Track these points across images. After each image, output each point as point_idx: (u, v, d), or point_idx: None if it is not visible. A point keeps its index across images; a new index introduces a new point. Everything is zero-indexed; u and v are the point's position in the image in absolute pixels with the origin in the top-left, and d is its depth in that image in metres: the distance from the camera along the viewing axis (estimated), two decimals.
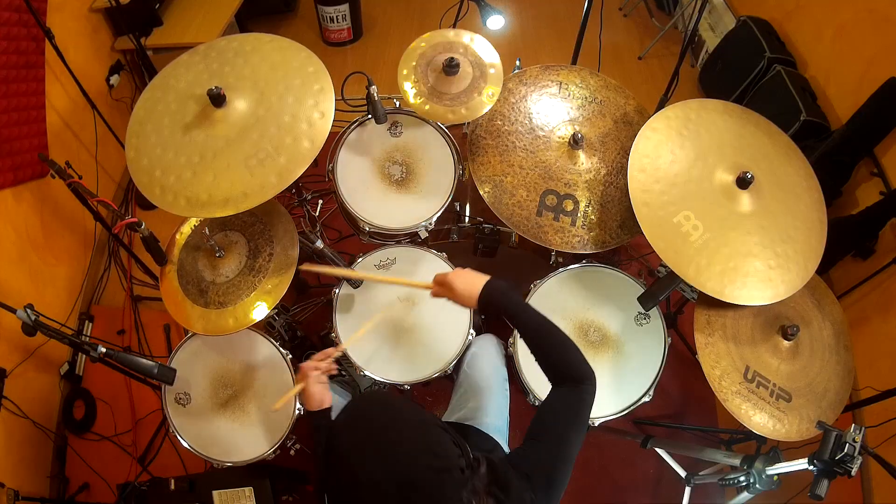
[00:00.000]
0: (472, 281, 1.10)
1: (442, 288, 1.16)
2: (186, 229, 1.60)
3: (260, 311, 1.46)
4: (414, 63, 1.60)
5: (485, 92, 1.56)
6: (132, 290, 2.52)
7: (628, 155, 1.48)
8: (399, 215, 1.67)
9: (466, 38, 1.64)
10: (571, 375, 1.04)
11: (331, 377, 1.33)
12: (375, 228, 1.66)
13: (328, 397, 1.23)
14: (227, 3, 2.86)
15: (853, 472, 1.15)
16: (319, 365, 1.22)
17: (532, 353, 1.10)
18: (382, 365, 1.55)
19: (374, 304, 1.64)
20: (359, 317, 1.62)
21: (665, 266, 1.47)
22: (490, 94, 1.56)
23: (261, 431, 1.54)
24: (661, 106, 2.09)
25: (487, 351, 1.60)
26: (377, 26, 3.68)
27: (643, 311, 1.60)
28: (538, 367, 1.56)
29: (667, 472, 2.01)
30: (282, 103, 1.38)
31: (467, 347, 1.59)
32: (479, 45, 1.63)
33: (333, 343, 1.61)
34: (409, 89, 1.57)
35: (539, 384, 1.54)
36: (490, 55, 1.62)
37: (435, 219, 1.66)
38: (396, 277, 1.28)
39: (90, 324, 2.43)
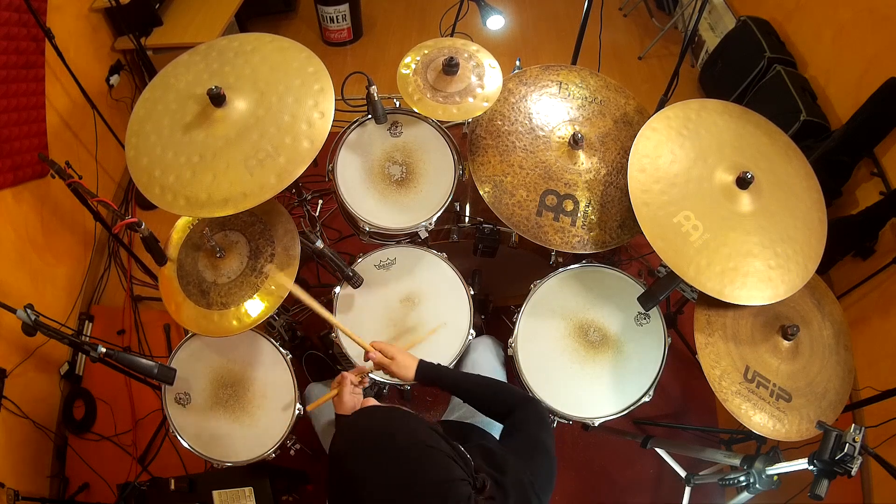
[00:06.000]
0: (408, 363, 1.24)
1: (383, 360, 1.27)
2: (181, 225, 1.59)
3: (261, 310, 1.46)
4: (419, 57, 1.62)
5: (478, 98, 1.57)
6: (132, 290, 2.53)
7: (628, 155, 1.48)
8: (399, 215, 1.67)
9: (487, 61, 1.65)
10: (514, 404, 1.13)
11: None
12: (375, 228, 1.66)
13: (360, 403, 1.27)
14: (227, 3, 2.87)
15: (853, 472, 1.15)
16: (354, 379, 1.28)
17: (473, 406, 1.20)
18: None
19: (375, 304, 1.64)
20: (359, 316, 1.62)
21: (665, 266, 1.47)
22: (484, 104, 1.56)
23: (261, 431, 1.54)
24: (661, 106, 2.09)
25: (485, 356, 1.61)
26: (377, 26, 3.68)
27: (643, 311, 1.60)
28: (538, 367, 1.58)
29: (667, 472, 2.01)
30: (282, 103, 1.38)
31: (467, 349, 1.59)
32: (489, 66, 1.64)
33: (333, 343, 1.61)
34: (408, 74, 1.58)
35: (540, 384, 1.54)
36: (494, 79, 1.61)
37: (435, 219, 1.66)
38: (348, 330, 1.34)
39: (90, 324, 2.43)
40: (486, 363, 1.58)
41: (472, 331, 1.60)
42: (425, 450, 0.80)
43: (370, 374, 1.55)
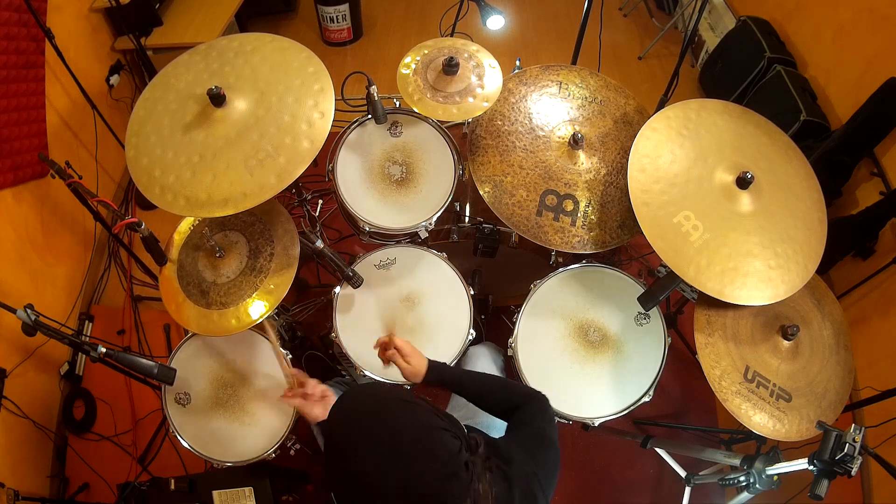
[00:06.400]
0: (419, 363, 1.22)
1: (399, 363, 1.24)
2: (184, 227, 1.59)
3: (259, 310, 1.46)
4: (419, 57, 1.62)
5: (479, 98, 1.57)
6: (132, 290, 2.53)
7: (628, 155, 1.48)
8: (399, 215, 1.67)
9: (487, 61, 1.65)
10: (520, 400, 1.14)
11: (331, 377, 1.33)
12: (375, 228, 1.66)
13: (330, 402, 1.25)
14: (227, 3, 2.87)
15: (853, 472, 1.15)
16: (297, 392, 1.25)
17: (479, 406, 1.19)
18: (382, 365, 1.55)
19: (374, 304, 1.64)
20: (359, 316, 1.62)
21: (665, 266, 1.47)
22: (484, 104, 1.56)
23: (261, 431, 1.54)
24: (661, 106, 2.09)
25: (484, 365, 1.62)
26: (377, 26, 3.68)
27: (643, 311, 1.60)
28: (538, 367, 1.58)
29: (667, 472, 2.01)
30: (281, 103, 1.38)
31: (466, 358, 1.60)
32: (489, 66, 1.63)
33: (333, 342, 1.61)
34: (408, 74, 1.58)
35: (540, 384, 1.53)
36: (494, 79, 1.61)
37: (435, 219, 1.66)
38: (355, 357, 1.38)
39: (90, 324, 2.43)
40: (482, 367, 1.59)
41: (471, 330, 1.60)
42: (405, 405, 0.82)
43: (370, 374, 1.55)
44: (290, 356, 1.57)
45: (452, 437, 0.80)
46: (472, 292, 1.64)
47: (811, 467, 1.20)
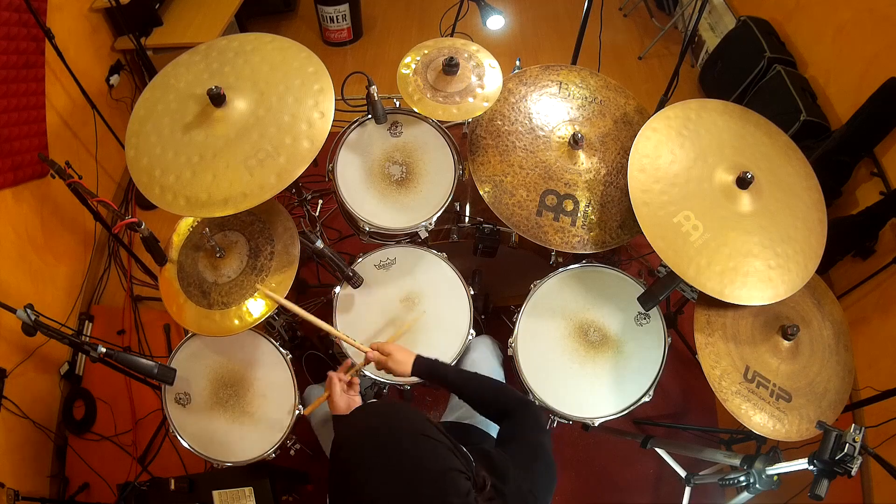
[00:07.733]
0: (405, 359, 1.25)
1: (380, 358, 1.27)
2: (183, 229, 1.59)
3: (262, 308, 1.46)
4: (419, 57, 1.62)
5: (479, 98, 1.57)
6: (132, 290, 2.53)
7: (628, 155, 1.48)
8: (399, 215, 1.67)
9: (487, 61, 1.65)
10: (511, 406, 1.13)
11: None
12: (375, 228, 1.66)
13: (355, 402, 1.26)
14: (227, 3, 2.87)
15: (853, 472, 1.15)
16: (343, 377, 1.26)
17: (470, 404, 1.20)
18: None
19: (375, 304, 1.64)
20: (359, 316, 1.62)
21: (665, 266, 1.47)
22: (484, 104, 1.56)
23: (261, 431, 1.54)
24: (661, 106, 2.09)
25: (484, 354, 1.61)
26: (377, 26, 3.68)
27: (643, 311, 1.60)
28: (538, 367, 1.58)
29: (667, 472, 2.01)
30: (281, 103, 1.38)
31: (466, 348, 1.59)
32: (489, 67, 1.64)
33: (333, 343, 1.61)
34: (408, 74, 1.58)
35: (540, 384, 1.54)
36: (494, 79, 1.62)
37: (435, 219, 1.66)
38: (346, 336, 1.38)
39: (90, 324, 2.43)
40: (484, 363, 1.59)
41: (472, 331, 1.60)
42: (424, 441, 0.80)
43: (369, 374, 1.55)
44: (290, 356, 1.58)
45: (465, 479, 0.79)
46: (472, 292, 1.64)
47: (811, 467, 1.20)
